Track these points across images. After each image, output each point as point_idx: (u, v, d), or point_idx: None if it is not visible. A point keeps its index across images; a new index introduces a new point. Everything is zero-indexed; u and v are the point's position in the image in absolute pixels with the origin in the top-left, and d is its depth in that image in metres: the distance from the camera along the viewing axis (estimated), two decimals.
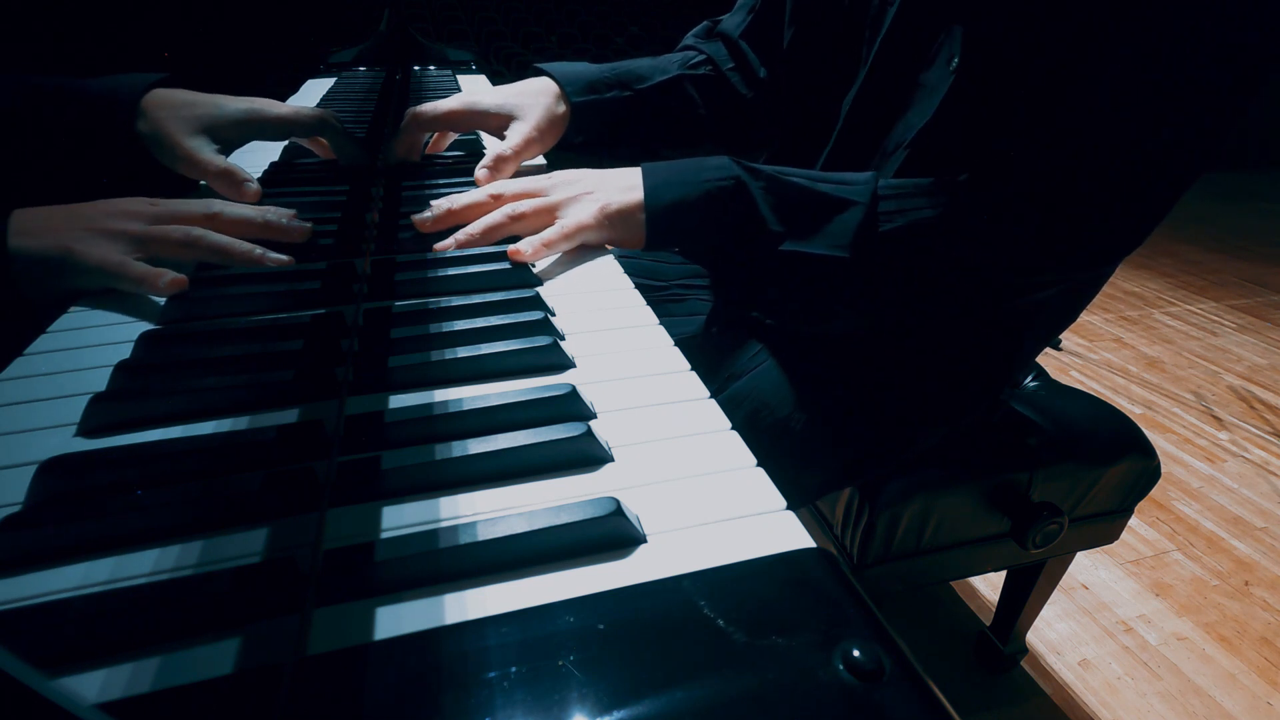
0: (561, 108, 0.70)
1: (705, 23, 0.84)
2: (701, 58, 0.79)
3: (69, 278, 0.44)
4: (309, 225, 0.53)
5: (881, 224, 0.53)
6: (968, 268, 0.55)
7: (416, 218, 0.55)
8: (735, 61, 0.79)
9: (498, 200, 0.55)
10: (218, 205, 0.50)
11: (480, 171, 0.64)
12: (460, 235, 0.53)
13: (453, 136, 0.79)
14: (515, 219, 0.53)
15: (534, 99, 0.69)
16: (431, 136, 0.75)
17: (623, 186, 0.54)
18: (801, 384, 0.63)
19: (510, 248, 0.50)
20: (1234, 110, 0.49)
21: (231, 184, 0.57)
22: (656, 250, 0.55)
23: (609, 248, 0.55)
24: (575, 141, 0.73)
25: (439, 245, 0.53)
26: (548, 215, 0.54)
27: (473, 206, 0.55)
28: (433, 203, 0.55)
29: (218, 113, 0.58)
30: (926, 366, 0.66)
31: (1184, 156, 0.51)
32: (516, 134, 0.67)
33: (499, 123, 0.68)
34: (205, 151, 0.57)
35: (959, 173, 0.56)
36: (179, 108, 0.57)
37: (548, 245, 0.51)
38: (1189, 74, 0.48)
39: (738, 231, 0.54)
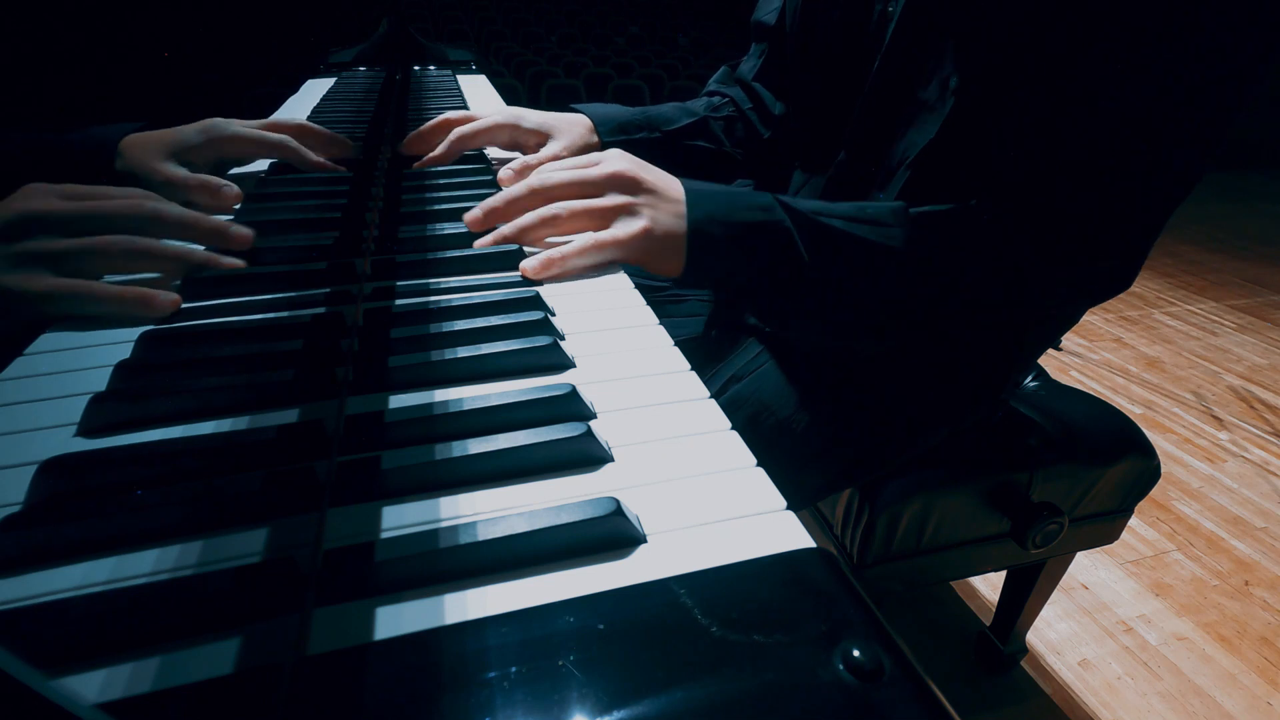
0: (594, 139, 0.75)
1: (724, 68, 0.89)
2: (724, 100, 0.85)
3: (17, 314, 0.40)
4: (251, 232, 0.50)
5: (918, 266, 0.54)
6: (989, 292, 0.55)
7: (467, 217, 0.53)
8: (753, 102, 0.83)
9: (543, 194, 0.52)
10: (151, 205, 0.46)
11: (505, 172, 0.65)
12: (534, 263, 0.49)
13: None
14: (553, 222, 0.50)
15: (570, 127, 0.74)
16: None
17: (671, 211, 0.51)
18: (802, 386, 0.63)
19: (528, 268, 0.48)
20: (1229, 115, 0.49)
21: (210, 192, 0.60)
22: (684, 284, 0.53)
23: None
24: None
25: (528, 268, 0.49)
26: (598, 220, 0.51)
27: (518, 200, 0.52)
28: (478, 206, 0.54)
29: (182, 138, 0.63)
30: (927, 369, 0.66)
31: (1184, 165, 0.51)
32: (550, 149, 0.71)
33: (538, 140, 0.73)
34: (180, 171, 0.60)
35: (961, 190, 0.57)
36: (150, 143, 0.61)
37: (576, 267, 0.48)
38: (1186, 82, 0.48)
39: (773, 274, 0.52)
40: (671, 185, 0.52)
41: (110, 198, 0.46)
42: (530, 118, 0.73)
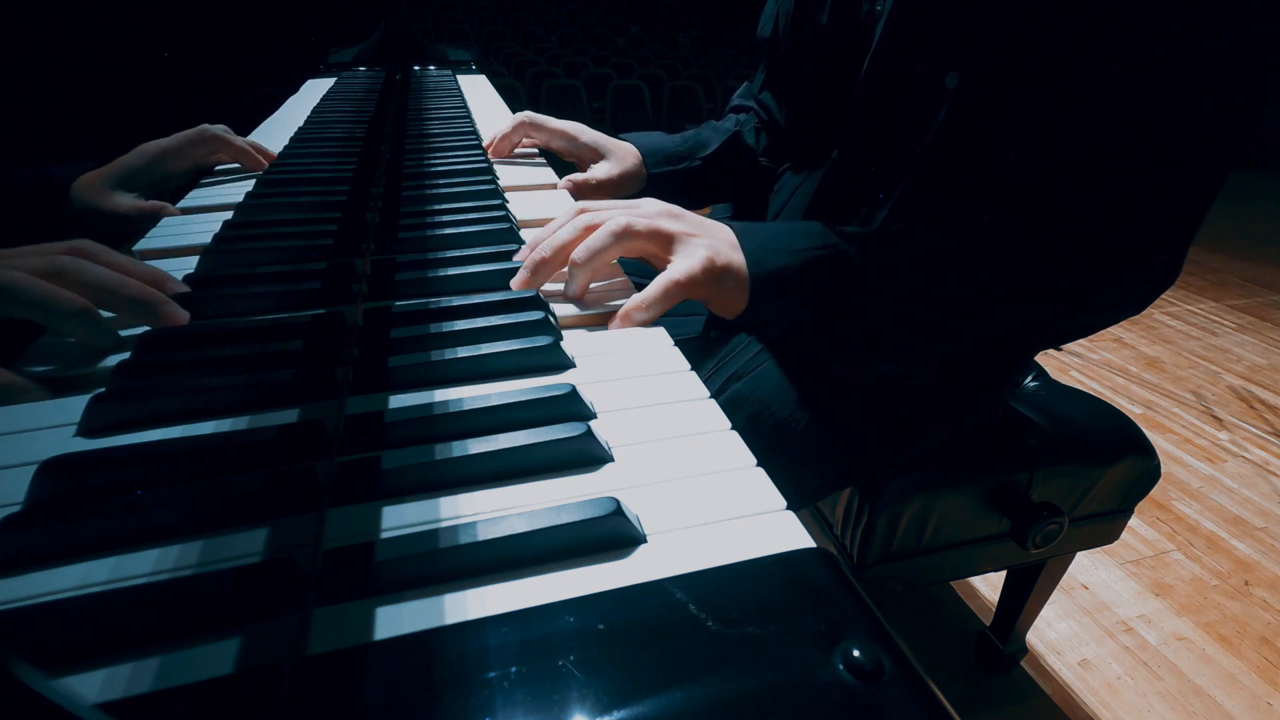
0: (643, 171, 0.80)
1: (745, 84, 0.93)
2: (748, 112, 0.89)
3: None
4: (185, 314, 0.43)
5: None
6: (1001, 295, 0.55)
7: (515, 281, 0.48)
8: (765, 113, 0.87)
9: (591, 231, 0.48)
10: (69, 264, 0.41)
11: (564, 181, 0.74)
12: (575, 287, 0.47)
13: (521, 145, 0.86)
14: (623, 236, 0.46)
15: (625, 154, 0.79)
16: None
17: (725, 241, 0.49)
18: (802, 385, 0.63)
19: (623, 311, 0.45)
20: (1238, 117, 0.49)
21: (153, 215, 0.64)
22: (745, 321, 0.51)
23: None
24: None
25: (564, 297, 0.47)
26: (656, 242, 0.48)
27: (567, 246, 0.48)
28: (524, 259, 0.49)
29: (124, 166, 0.67)
30: None
31: (1191, 167, 0.50)
32: (603, 170, 0.77)
33: (592, 156, 0.79)
34: (126, 201, 0.66)
35: (961, 191, 0.56)
36: (96, 180, 0.66)
37: (651, 307, 0.45)
38: (1187, 82, 0.48)
39: (839, 300, 0.51)
40: (718, 224, 0.51)
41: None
42: (587, 133, 0.80)
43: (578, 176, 0.77)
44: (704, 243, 0.48)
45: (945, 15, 0.56)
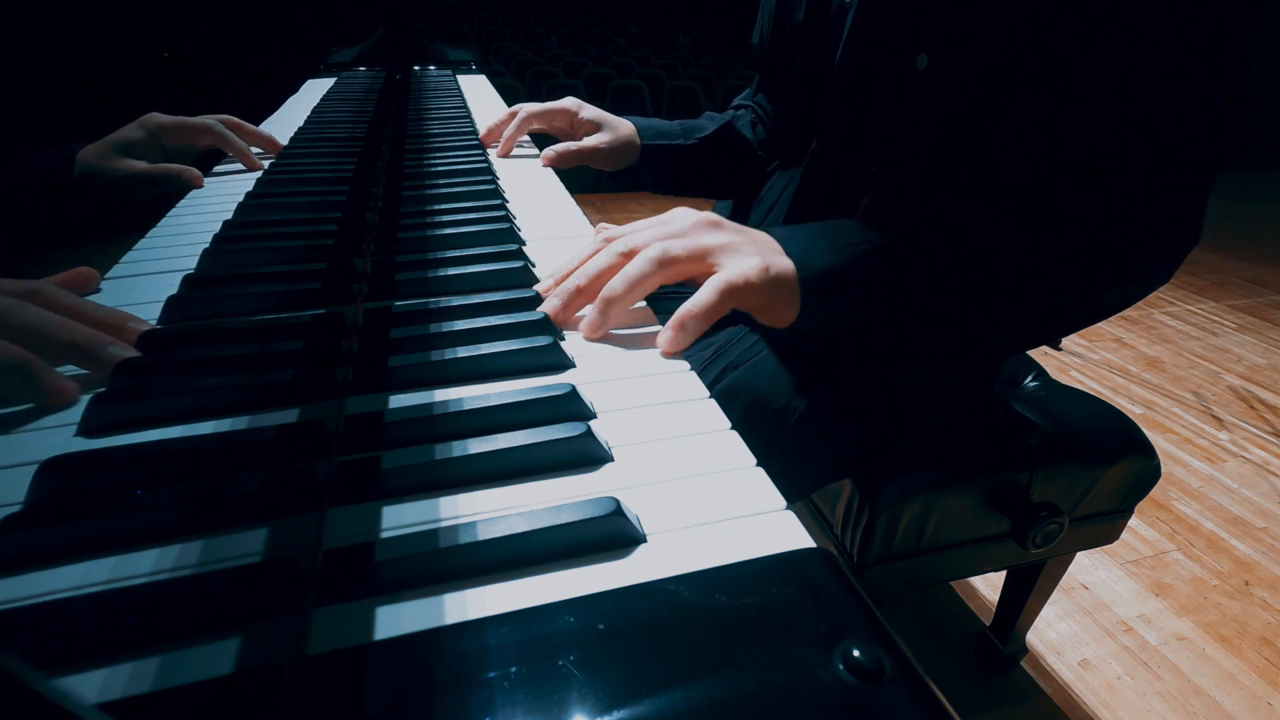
0: (636, 142, 0.85)
1: (749, 89, 0.97)
2: (746, 108, 0.92)
3: None
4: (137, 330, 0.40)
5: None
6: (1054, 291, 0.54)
7: (546, 308, 0.44)
8: (757, 113, 0.90)
9: (628, 258, 0.44)
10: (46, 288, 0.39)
11: (549, 152, 0.80)
12: (611, 321, 0.42)
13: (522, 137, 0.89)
14: (666, 263, 0.43)
15: (619, 125, 0.84)
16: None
17: (771, 247, 0.47)
18: (799, 372, 0.63)
19: (664, 341, 0.41)
20: (1233, 113, 0.49)
21: (175, 174, 0.69)
22: (798, 328, 0.48)
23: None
24: (646, 181, 0.88)
25: (588, 335, 0.42)
26: (701, 261, 0.44)
27: (603, 273, 0.44)
28: (548, 288, 0.46)
29: (126, 136, 0.71)
30: None
31: (1190, 165, 0.50)
32: (595, 139, 0.82)
33: (589, 130, 0.83)
34: (140, 164, 0.70)
35: (960, 190, 0.56)
36: (101, 146, 0.70)
37: (706, 314, 0.41)
38: (1188, 81, 0.48)
39: (888, 293, 0.50)
40: (758, 231, 0.49)
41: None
42: (589, 109, 0.84)
43: (565, 147, 0.80)
44: (752, 249, 0.45)
45: (911, 3, 0.56)
